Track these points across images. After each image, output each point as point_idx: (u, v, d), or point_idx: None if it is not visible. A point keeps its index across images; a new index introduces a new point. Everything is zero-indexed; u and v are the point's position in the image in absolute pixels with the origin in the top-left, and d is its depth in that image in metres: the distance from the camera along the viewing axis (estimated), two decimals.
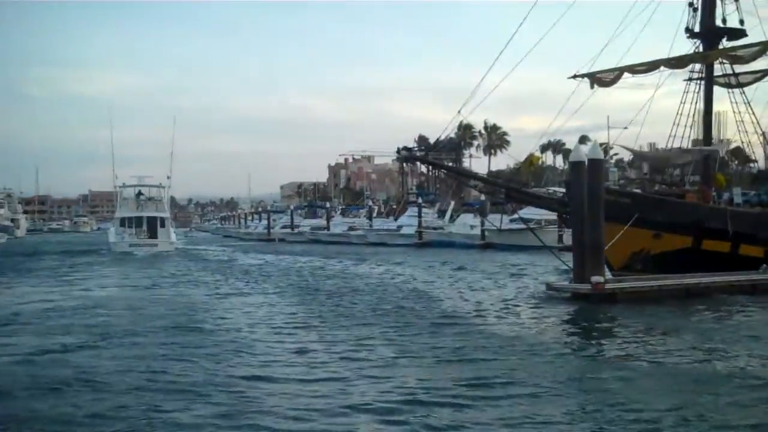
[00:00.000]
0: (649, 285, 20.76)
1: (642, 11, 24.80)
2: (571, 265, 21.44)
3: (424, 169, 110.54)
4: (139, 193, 59.30)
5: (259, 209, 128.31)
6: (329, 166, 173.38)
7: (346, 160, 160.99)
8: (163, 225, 56.78)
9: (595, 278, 19.59)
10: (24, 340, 14.36)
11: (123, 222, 56.90)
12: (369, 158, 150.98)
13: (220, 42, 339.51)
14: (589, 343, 13.95)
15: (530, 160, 28.20)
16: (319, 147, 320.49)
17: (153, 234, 55.80)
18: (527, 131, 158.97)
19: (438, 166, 30.13)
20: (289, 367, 11.53)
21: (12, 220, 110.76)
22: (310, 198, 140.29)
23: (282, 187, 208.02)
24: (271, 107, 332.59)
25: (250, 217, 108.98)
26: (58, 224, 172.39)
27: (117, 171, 65.89)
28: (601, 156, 22.15)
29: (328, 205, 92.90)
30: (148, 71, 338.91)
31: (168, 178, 60.59)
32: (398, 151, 23.37)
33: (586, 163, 20.81)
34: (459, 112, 22.74)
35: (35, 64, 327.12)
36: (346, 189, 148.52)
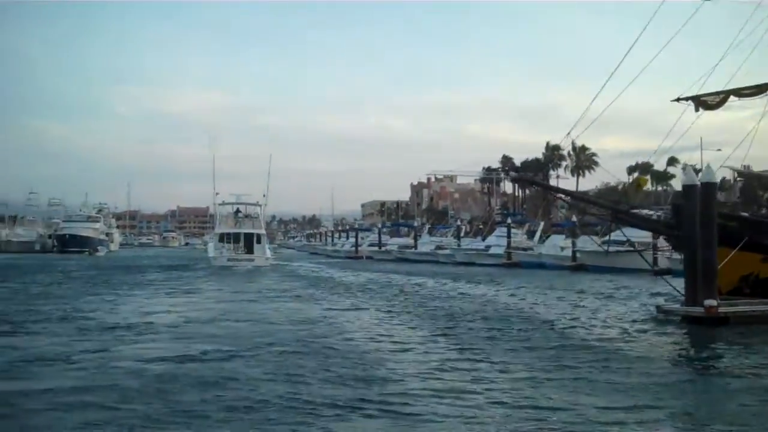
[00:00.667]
0: (762, 309, 20.60)
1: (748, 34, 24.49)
2: (679, 288, 21.46)
3: (508, 189, 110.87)
4: (237, 211, 61.91)
5: (346, 227, 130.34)
6: (411, 185, 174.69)
7: (428, 179, 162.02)
8: (259, 241, 59.12)
9: (708, 302, 19.58)
10: (171, 345, 15.39)
11: (222, 237, 59.64)
12: (452, 178, 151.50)
13: (303, 62, 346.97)
14: (712, 366, 14.06)
15: (638, 182, 28.18)
16: (399, 166, 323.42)
17: (249, 250, 58.19)
18: (611, 152, 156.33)
19: (553, 189, 30.35)
20: (436, 380, 11.79)
21: (107, 234, 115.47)
22: (394, 217, 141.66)
23: (363, 206, 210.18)
24: (352, 126, 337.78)
25: (337, 235, 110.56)
26: (148, 239, 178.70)
27: (206, 186, 69.12)
28: (715, 180, 22.14)
29: (415, 224, 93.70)
30: (234, 90, 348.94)
31: (264, 196, 63.26)
32: (506, 172, 23.89)
33: (699, 186, 20.86)
34: (568, 134, 23.12)
35: (126, 82, 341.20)
36: (428, 209, 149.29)
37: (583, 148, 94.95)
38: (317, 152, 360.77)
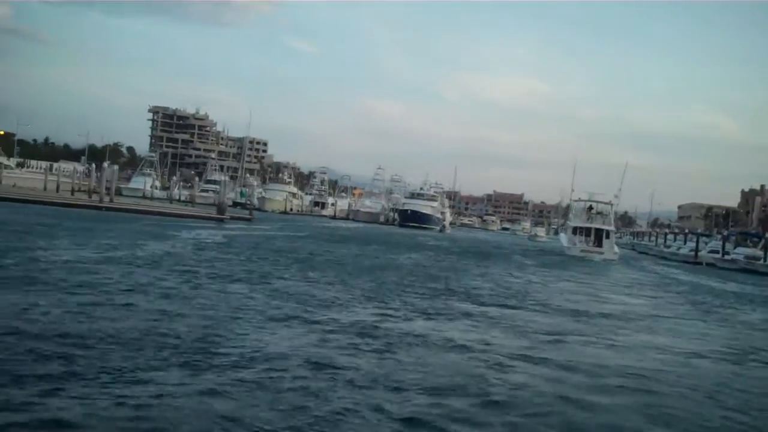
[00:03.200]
0: None
1: None
2: None
3: None
4: (590, 207, 65.93)
5: (665, 230, 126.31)
6: (742, 192, 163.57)
7: (762, 186, 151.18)
8: (608, 236, 62.60)
9: None
10: None
11: (575, 230, 64.44)
12: None
13: (627, 53, 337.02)
14: None
15: None
16: (725, 169, 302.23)
17: (599, 243, 61.69)
18: None
19: None
20: None
21: (441, 213, 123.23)
22: (723, 223, 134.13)
23: (680, 207, 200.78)
24: (671, 123, 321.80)
25: (671, 237, 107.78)
26: (469, 220, 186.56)
27: (513, 171, 77.08)
28: None
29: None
30: (552, 79, 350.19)
31: (616, 196, 67.36)
32: None
33: None
34: None
35: (454, 69, 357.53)
36: (764, 218, 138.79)
37: None
38: (627, 146, 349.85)
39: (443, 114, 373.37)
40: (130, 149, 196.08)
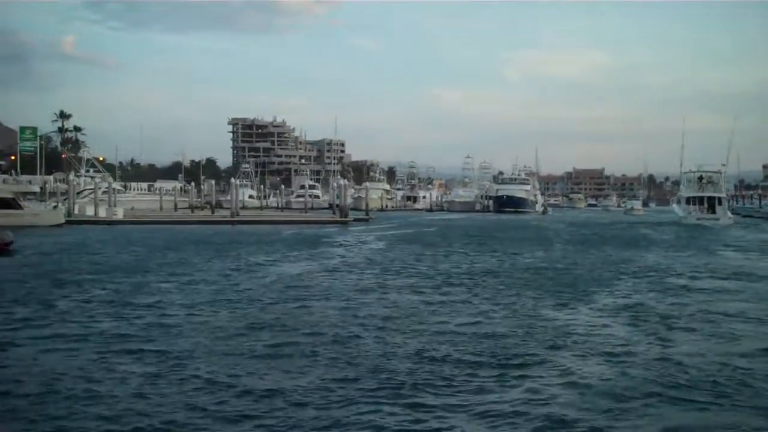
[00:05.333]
0: None
1: None
2: None
3: None
4: (701, 177, 69.07)
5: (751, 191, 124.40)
6: None
7: None
8: (720, 203, 66.38)
9: None
10: None
11: (687, 200, 68.27)
12: None
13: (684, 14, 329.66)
14: None
15: None
16: None
17: (712, 210, 65.22)
18: None
19: None
20: None
21: (534, 196, 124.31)
22: None
23: (765, 166, 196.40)
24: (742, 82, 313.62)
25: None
26: (555, 200, 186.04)
27: (588, 147, 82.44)
28: None
29: None
30: (614, 50, 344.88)
31: (723, 165, 72.68)
32: None
33: None
34: None
35: (518, 48, 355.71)
36: None
37: None
38: (696, 109, 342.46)
39: (506, 96, 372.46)
40: (212, 162, 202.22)
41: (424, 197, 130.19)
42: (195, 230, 49.87)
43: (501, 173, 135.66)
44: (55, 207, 55.81)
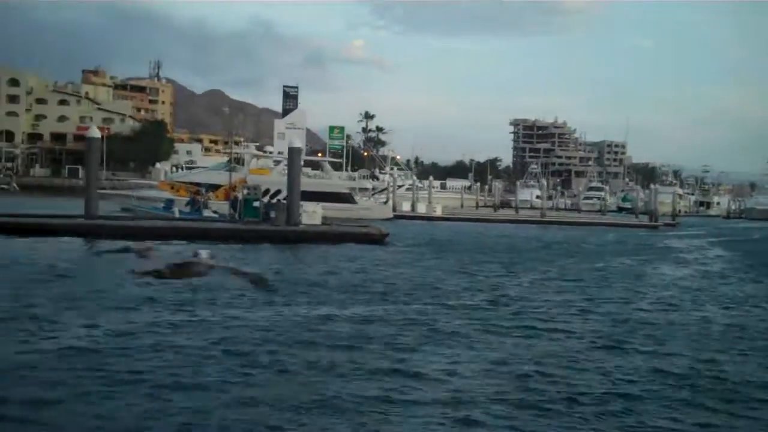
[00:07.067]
0: None
1: None
2: None
3: None
4: None
5: None
6: None
7: None
8: None
9: None
10: None
11: None
12: None
13: None
14: None
15: None
16: None
17: None
18: None
19: None
20: None
21: None
22: None
23: None
24: None
25: None
26: None
27: None
28: None
29: None
30: None
31: None
32: None
33: None
34: None
35: None
36: None
37: None
38: None
39: None
40: (492, 162, 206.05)
41: (718, 203, 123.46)
42: (509, 229, 50.82)
43: None
44: (385, 202, 60.98)
